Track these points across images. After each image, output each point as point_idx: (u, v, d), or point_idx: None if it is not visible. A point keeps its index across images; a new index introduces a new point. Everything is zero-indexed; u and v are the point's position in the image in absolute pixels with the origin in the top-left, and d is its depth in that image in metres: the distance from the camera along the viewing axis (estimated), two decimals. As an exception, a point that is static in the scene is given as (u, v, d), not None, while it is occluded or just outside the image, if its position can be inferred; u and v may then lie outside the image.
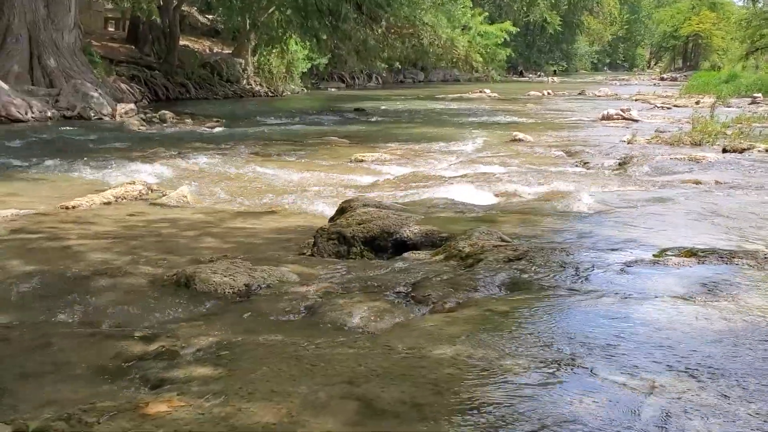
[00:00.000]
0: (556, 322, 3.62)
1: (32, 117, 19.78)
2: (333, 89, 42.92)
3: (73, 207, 8.32)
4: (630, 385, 2.82)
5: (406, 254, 5.33)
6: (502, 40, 44.25)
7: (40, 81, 22.27)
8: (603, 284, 4.19)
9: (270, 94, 34.39)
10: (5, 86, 20.09)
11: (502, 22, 53.48)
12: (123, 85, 25.98)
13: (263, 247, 6.59)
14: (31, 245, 6.45)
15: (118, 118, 20.85)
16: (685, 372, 2.92)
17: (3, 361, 3.04)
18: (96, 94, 21.59)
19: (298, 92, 36.98)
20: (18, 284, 4.70)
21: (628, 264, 4.60)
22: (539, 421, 2.52)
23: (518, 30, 57.26)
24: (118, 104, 22.17)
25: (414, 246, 5.52)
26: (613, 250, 5.11)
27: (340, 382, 2.80)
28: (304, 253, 5.98)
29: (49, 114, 20.36)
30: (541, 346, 3.25)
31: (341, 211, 6.51)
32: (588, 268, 4.47)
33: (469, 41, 34.72)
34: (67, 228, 7.30)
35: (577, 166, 11.62)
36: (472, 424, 2.51)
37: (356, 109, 26.11)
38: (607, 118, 20.97)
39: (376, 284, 4.43)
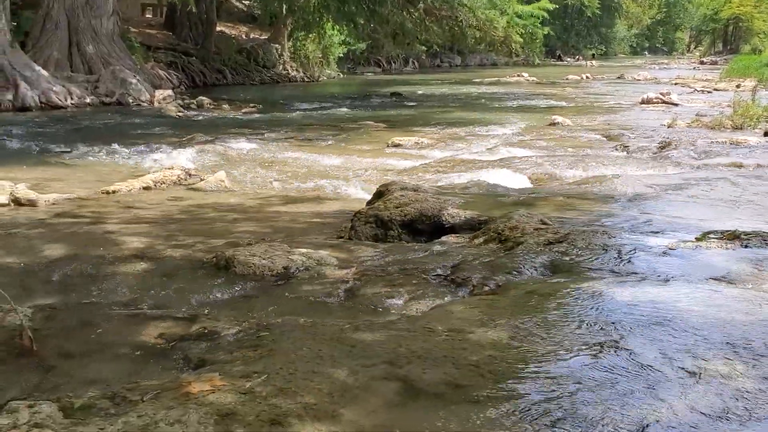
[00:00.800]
0: (598, 305, 3.57)
1: (72, 103, 19.99)
2: (369, 74, 42.86)
3: (113, 192, 8.39)
4: (674, 368, 2.78)
5: (444, 237, 5.30)
6: (541, 18, 43.77)
7: (79, 68, 22.50)
8: (645, 267, 4.14)
9: (306, 79, 34.42)
10: (45, 73, 20.31)
11: (539, 1, 52.88)
12: (160, 72, 26.17)
13: (301, 230, 6.61)
14: (73, 229, 6.52)
15: (156, 104, 21.01)
16: (730, 355, 2.87)
17: (48, 340, 3.08)
18: (134, 81, 21.76)
19: (334, 77, 36.97)
20: (61, 267, 4.76)
21: (671, 247, 4.53)
22: (581, 404, 2.49)
23: (556, 9, 56.59)
24: (156, 90, 22.34)
25: (452, 229, 5.49)
26: (654, 232, 5.05)
27: (381, 363, 2.79)
28: (341, 237, 5.98)
29: (88, 100, 20.57)
30: (583, 328, 3.22)
31: (379, 194, 6.49)
32: (630, 251, 4.41)
33: (507, 22, 34.35)
34: (107, 212, 7.37)
35: (616, 149, 11.49)
36: (514, 406, 2.49)
37: (393, 94, 26.04)
38: (647, 102, 20.71)
39: (415, 267, 4.42)
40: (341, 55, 38.14)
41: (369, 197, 6.86)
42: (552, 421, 2.39)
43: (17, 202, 7.60)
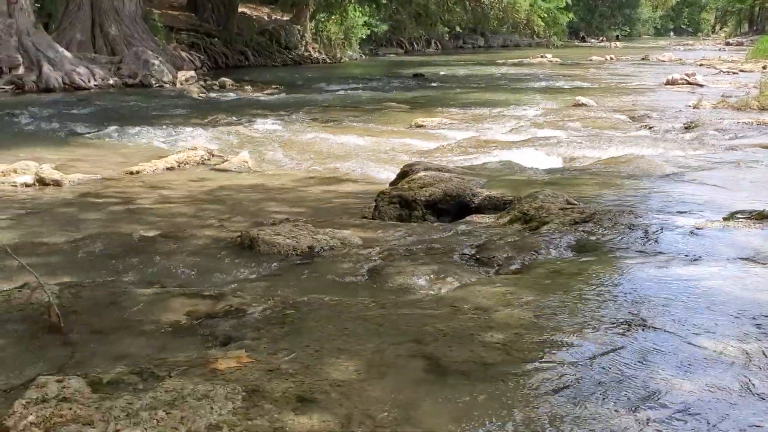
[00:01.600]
0: (624, 284, 3.55)
1: (95, 85, 20.09)
2: (391, 55, 42.72)
3: (137, 172, 8.43)
4: (701, 346, 2.76)
5: (469, 217, 5.28)
6: (564, 3, 43.40)
7: (102, 49, 22.59)
8: (672, 247, 4.10)
9: (328, 60, 34.37)
10: (68, 54, 20.41)
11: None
12: (183, 53, 26.24)
13: (324, 210, 6.61)
14: (99, 208, 6.56)
15: (178, 86, 21.07)
16: (759, 335, 2.84)
17: (75, 317, 3.09)
18: (157, 62, 21.82)
19: (356, 59, 36.89)
20: (87, 245, 4.78)
21: (698, 227, 4.49)
22: (609, 383, 2.48)
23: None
24: (179, 72, 22.40)
25: (477, 209, 5.46)
26: (681, 212, 5.01)
27: (407, 341, 2.78)
28: (365, 217, 5.97)
29: (111, 82, 20.66)
30: (609, 307, 3.20)
31: (402, 175, 6.47)
32: (656, 231, 4.38)
33: (530, 4, 34.11)
34: (132, 192, 7.41)
35: (641, 130, 11.40)
36: (541, 384, 2.47)
37: (415, 75, 25.95)
38: (672, 83, 20.52)
39: (439, 246, 4.40)
40: (363, 36, 38.02)
41: (392, 178, 6.85)
42: (579, 399, 2.37)
43: (42, 182, 7.66)
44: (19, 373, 2.65)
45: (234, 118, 13.91)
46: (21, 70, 19.30)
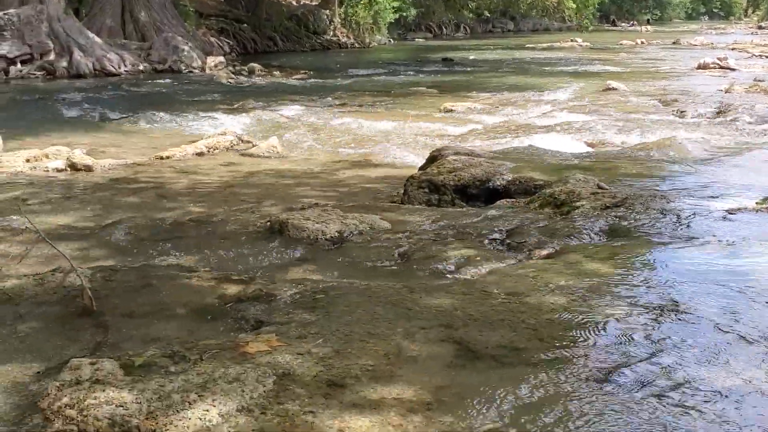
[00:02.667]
0: (657, 269, 3.53)
1: (125, 70, 20.21)
2: (420, 40, 42.49)
3: (167, 157, 8.47)
4: (735, 332, 2.73)
5: (498, 202, 5.24)
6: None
7: (132, 35, 22.71)
8: (705, 231, 4.06)
9: (356, 45, 34.29)
10: (99, 40, 20.54)
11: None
12: (212, 39, 26.30)
13: (353, 195, 6.61)
14: (129, 193, 6.61)
15: (207, 71, 21.13)
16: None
17: (107, 300, 3.11)
18: (186, 48, 21.88)
19: (384, 43, 36.76)
20: (119, 229, 4.81)
21: (731, 211, 4.45)
22: (643, 369, 2.46)
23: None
24: (208, 57, 22.46)
25: (507, 194, 5.43)
26: (714, 197, 4.95)
27: (438, 326, 2.77)
28: (394, 202, 5.96)
29: (141, 67, 20.77)
30: (642, 292, 3.18)
31: (432, 159, 6.44)
32: (689, 216, 4.33)
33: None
34: (162, 177, 7.46)
35: (673, 114, 11.26)
36: (573, 369, 2.46)
37: (444, 59, 25.80)
38: (703, 67, 20.24)
39: (469, 231, 4.38)
40: (392, 20, 37.87)
41: (421, 162, 6.82)
42: (611, 385, 2.36)
43: (74, 167, 7.72)
44: (52, 355, 2.67)
45: (262, 103, 13.93)
46: (52, 56, 19.45)
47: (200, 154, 8.76)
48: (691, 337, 2.68)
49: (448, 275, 3.72)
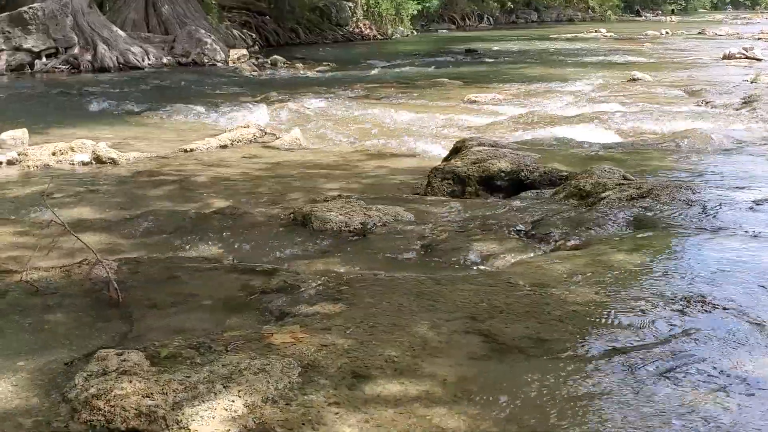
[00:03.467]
0: (683, 260, 3.50)
1: (149, 64, 20.28)
2: (443, 31, 42.35)
3: (191, 150, 8.49)
4: (762, 323, 2.70)
5: (523, 193, 5.22)
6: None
7: (156, 28, 22.77)
8: (732, 222, 4.02)
9: (379, 37, 34.21)
10: (123, 34, 20.63)
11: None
12: (235, 32, 26.33)
13: (377, 187, 6.59)
14: (154, 186, 6.64)
15: (230, 64, 21.16)
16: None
17: (134, 292, 3.13)
18: (209, 41, 21.92)
19: (407, 35, 36.64)
20: (144, 222, 4.84)
21: (758, 202, 4.41)
22: (667, 359, 2.44)
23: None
24: (231, 50, 22.48)
25: (531, 185, 5.40)
26: (740, 188, 4.91)
27: (462, 318, 2.76)
28: (417, 193, 5.94)
29: (164, 61, 20.83)
30: (668, 284, 3.15)
31: (455, 150, 6.42)
32: (715, 206, 4.29)
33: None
34: (186, 170, 7.48)
35: (699, 105, 11.15)
36: (600, 361, 2.44)
37: (468, 51, 25.66)
38: (729, 57, 20.02)
39: (494, 222, 4.36)
40: (415, 12, 37.75)
41: (445, 154, 6.80)
42: (637, 376, 2.34)
43: (99, 160, 7.76)
44: (79, 346, 2.69)
45: (285, 95, 13.93)
46: (76, 50, 19.55)
47: (224, 147, 8.77)
48: (719, 329, 2.66)
49: (472, 267, 3.71)
